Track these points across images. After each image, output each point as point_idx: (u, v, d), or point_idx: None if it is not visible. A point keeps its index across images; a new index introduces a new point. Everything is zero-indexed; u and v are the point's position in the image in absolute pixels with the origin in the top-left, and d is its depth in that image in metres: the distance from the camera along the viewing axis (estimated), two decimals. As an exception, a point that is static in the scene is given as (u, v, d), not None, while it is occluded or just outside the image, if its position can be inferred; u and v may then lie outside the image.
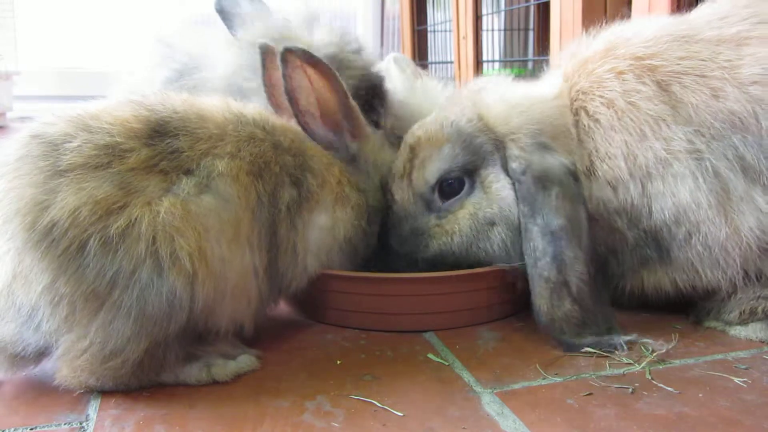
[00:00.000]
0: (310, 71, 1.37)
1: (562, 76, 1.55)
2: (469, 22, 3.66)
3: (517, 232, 1.42)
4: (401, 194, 1.52)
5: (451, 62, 4.00)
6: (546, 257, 1.33)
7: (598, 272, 1.38)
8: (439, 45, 4.50)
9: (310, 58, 1.36)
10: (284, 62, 1.36)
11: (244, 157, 1.24)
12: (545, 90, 1.54)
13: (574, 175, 1.41)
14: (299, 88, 1.38)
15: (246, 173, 1.23)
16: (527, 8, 4.31)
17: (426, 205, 1.51)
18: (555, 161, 1.40)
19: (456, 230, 1.47)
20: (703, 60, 1.37)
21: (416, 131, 1.55)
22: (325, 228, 1.37)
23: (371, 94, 1.72)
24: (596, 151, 1.42)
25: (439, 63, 4.44)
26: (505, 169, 1.44)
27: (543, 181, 1.38)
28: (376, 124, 1.71)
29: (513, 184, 1.43)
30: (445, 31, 4.32)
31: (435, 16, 4.56)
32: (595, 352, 1.29)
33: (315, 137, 1.43)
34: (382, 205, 1.51)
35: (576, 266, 1.32)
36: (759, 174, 1.32)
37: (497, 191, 1.45)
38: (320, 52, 1.67)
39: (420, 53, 4.52)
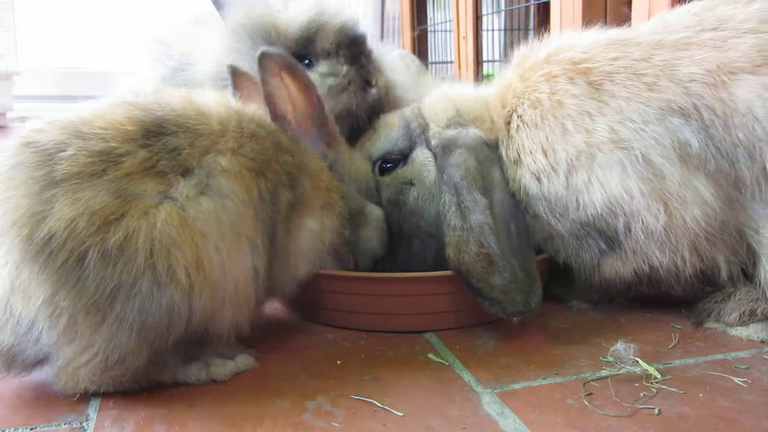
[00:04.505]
0: (287, 77, 1.36)
1: (505, 82, 1.62)
2: (469, 22, 3.66)
3: (431, 195, 1.52)
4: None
5: (451, 62, 4.00)
6: (452, 208, 1.40)
7: (522, 229, 1.45)
8: (439, 45, 4.49)
9: (286, 62, 1.35)
10: (262, 67, 1.34)
11: (246, 153, 1.22)
12: (483, 90, 1.69)
13: (489, 144, 1.53)
14: (276, 93, 1.37)
15: (248, 170, 1.21)
16: (527, 8, 4.31)
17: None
18: (466, 132, 1.53)
19: (384, 185, 1.60)
20: (635, 60, 1.41)
21: (382, 117, 1.72)
22: (314, 232, 1.36)
23: (356, 50, 1.74)
24: (522, 147, 1.49)
25: (439, 63, 4.44)
26: (430, 149, 1.59)
27: (450, 146, 1.51)
28: (368, 81, 1.72)
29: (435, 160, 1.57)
30: (445, 31, 4.32)
31: (435, 16, 4.56)
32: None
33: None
34: (360, 208, 1.51)
35: (477, 212, 1.37)
36: (703, 162, 1.33)
37: (419, 160, 1.58)
38: (297, 20, 1.70)
39: (420, 53, 4.52)
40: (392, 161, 1.60)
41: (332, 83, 1.68)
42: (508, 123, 1.54)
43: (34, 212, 1.05)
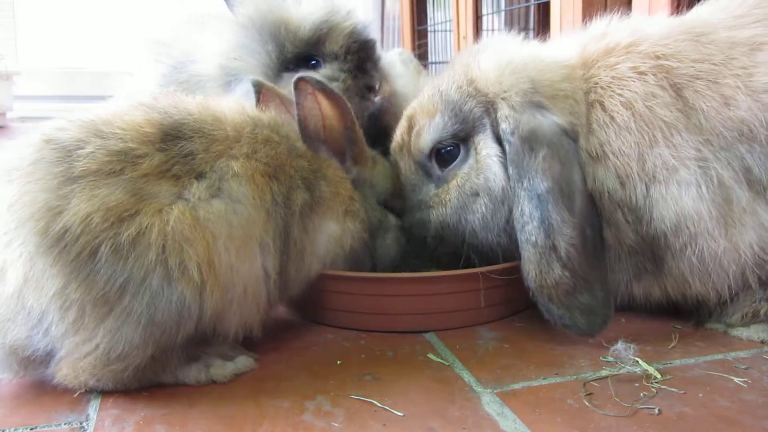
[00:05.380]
0: (321, 98, 1.39)
1: (581, 54, 1.49)
2: (469, 22, 3.65)
3: (499, 204, 1.42)
4: (403, 164, 1.57)
5: (451, 62, 3.99)
6: (533, 221, 1.31)
7: (597, 236, 1.35)
8: (439, 45, 4.49)
9: (322, 87, 1.38)
10: (297, 90, 1.37)
11: (260, 158, 1.25)
12: (555, 54, 1.50)
13: (569, 134, 1.37)
14: (310, 114, 1.39)
15: (261, 174, 1.23)
16: (527, 8, 4.31)
17: (426, 173, 1.54)
18: (546, 120, 1.37)
19: (447, 200, 1.48)
20: (715, 65, 1.35)
21: (413, 102, 1.58)
22: (334, 236, 1.38)
23: (364, 55, 1.73)
24: (609, 144, 1.38)
25: (439, 63, 4.44)
26: (496, 134, 1.42)
27: (530, 141, 1.34)
28: (370, 88, 1.71)
29: (503, 149, 1.41)
30: (445, 31, 4.32)
31: (435, 16, 4.56)
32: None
33: None
34: (379, 221, 1.52)
35: (564, 230, 1.29)
36: (765, 188, 1.30)
37: (484, 160, 1.44)
38: (309, 19, 1.69)
39: (420, 53, 4.52)
40: (450, 146, 1.48)
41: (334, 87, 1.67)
42: (588, 113, 1.41)
43: (51, 206, 1.07)
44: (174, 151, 1.17)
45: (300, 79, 1.37)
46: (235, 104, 1.34)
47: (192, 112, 1.24)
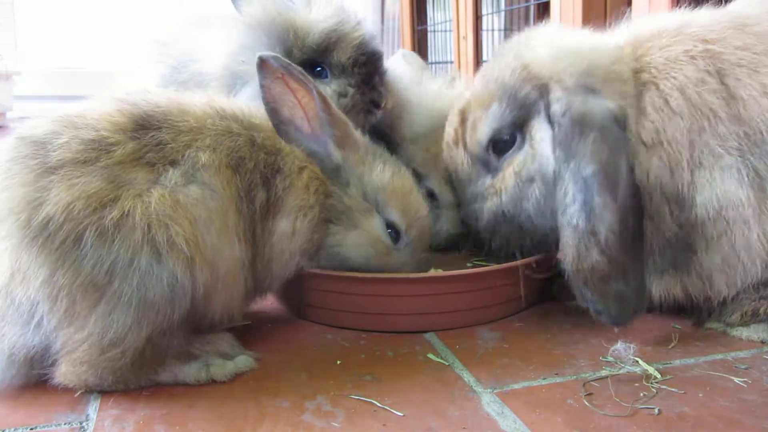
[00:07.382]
0: (291, 82, 1.34)
1: (630, 35, 1.48)
2: (469, 22, 3.66)
3: (552, 187, 1.38)
4: (458, 158, 1.53)
5: (451, 62, 4.00)
6: (575, 204, 1.29)
7: (639, 227, 1.32)
8: (439, 45, 4.49)
9: (285, 66, 1.32)
10: (260, 71, 1.32)
11: (222, 150, 1.24)
12: (604, 38, 1.49)
13: (619, 121, 1.34)
14: (280, 98, 1.35)
15: (226, 166, 1.23)
16: (527, 8, 4.31)
17: (484, 165, 1.51)
18: (598, 104, 1.34)
19: (503, 188, 1.45)
20: (756, 54, 1.36)
21: (465, 94, 1.53)
22: (286, 234, 1.31)
23: (371, 68, 1.72)
24: (663, 131, 1.36)
25: (439, 63, 4.44)
26: (549, 117, 1.39)
27: (581, 124, 1.32)
28: (376, 104, 1.71)
29: (554, 131, 1.38)
30: (445, 31, 4.32)
31: (435, 16, 4.56)
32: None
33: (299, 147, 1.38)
34: (348, 209, 1.40)
35: (606, 215, 1.27)
36: None
37: (538, 144, 1.41)
38: (319, 26, 1.68)
39: (420, 53, 4.52)
40: (507, 135, 1.45)
41: (340, 103, 1.65)
42: (641, 93, 1.39)
43: (31, 199, 1.08)
44: (146, 140, 1.18)
45: (261, 59, 1.31)
46: (206, 98, 1.33)
47: (160, 104, 1.25)
